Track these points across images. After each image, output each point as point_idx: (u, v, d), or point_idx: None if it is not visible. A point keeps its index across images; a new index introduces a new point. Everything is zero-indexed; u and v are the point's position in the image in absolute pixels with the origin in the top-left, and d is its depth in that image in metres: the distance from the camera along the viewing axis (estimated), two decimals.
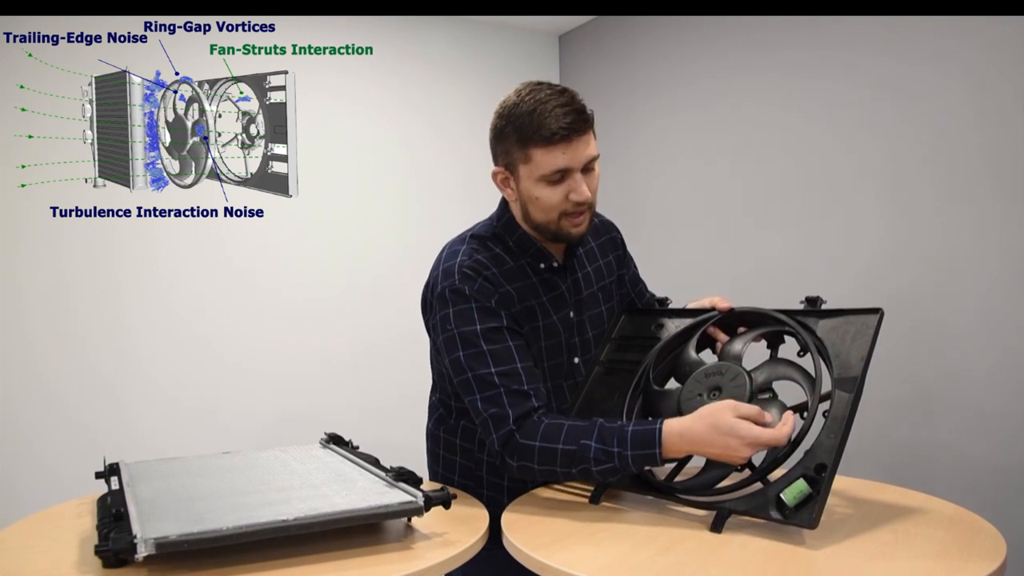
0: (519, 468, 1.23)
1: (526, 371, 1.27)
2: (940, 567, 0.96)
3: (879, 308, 1.18)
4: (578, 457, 1.18)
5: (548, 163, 1.26)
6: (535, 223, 1.35)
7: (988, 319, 2.00)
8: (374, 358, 3.04)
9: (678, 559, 1.02)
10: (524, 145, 1.27)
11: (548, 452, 1.20)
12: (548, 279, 1.40)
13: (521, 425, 1.23)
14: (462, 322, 1.28)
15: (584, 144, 1.28)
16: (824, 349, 1.19)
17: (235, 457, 1.45)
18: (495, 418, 1.24)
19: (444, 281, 1.32)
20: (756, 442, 1.09)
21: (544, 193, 1.29)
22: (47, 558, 1.06)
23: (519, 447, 1.22)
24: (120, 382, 2.66)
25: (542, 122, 1.24)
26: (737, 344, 1.30)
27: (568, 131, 1.24)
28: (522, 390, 1.24)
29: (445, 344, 1.31)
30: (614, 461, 1.16)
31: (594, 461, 1.17)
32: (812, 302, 1.27)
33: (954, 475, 2.04)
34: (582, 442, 1.18)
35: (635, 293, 1.60)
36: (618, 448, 1.16)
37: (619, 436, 1.17)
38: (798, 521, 1.05)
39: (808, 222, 2.47)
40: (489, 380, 1.25)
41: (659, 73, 3.02)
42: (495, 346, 1.27)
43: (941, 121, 2.09)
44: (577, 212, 1.31)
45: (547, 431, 1.21)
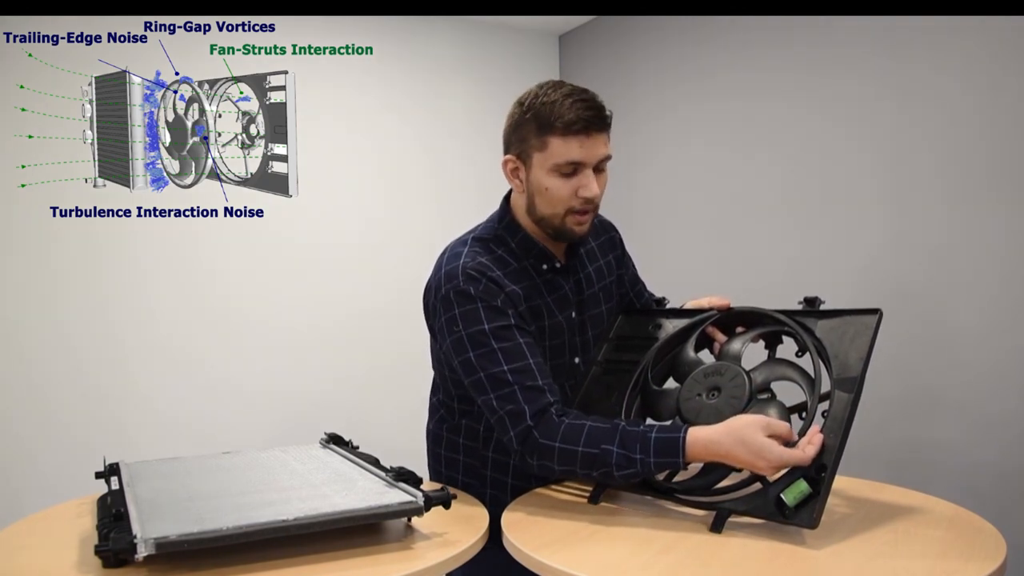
0: (539, 467, 1.23)
1: (538, 367, 1.26)
2: (940, 567, 0.96)
3: (878, 309, 1.18)
4: (599, 461, 1.17)
5: (563, 153, 1.28)
6: (539, 216, 1.35)
7: (988, 319, 2.00)
8: (374, 357, 3.04)
9: (678, 559, 1.02)
10: (542, 132, 1.28)
11: (568, 454, 1.19)
12: (551, 280, 1.40)
13: (539, 422, 1.22)
14: (469, 323, 1.28)
15: (600, 142, 1.30)
16: (823, 349, 1.19)
17: (235, 457, 1.45)
18: (512, 415, 1.23)
19: (448, 284, 1.31)
20: (782, 463, 1.08)
21: (554, 184, 1.30)
22: (47, 558, 1.06)
23: (539, 447, 1.21)
24: (120, 382, 2.65)
25: (563, 112, 1.26)
26: (736, 344, 1.30)
27: (587, 124, 1.27)
28: (536, 385, 1.24)
29: (453, 346, 1.30)
30: (636, 467, 1.15)
31: (616, 467, 1.16)
32: (811, 302, 1.27)
33: (954, 475, 2.04)
34: (604, 447, 1.17)
35: (634, 293, 1.60)
36: (640, 455, 1.15)
37: (642, 442, 1.16)
38: (798, 521, 1.05)
39: (807, 221, 2.46)
40: (502, 378, 1.24)
41: (659, 73, 3.02)
42: (506, 344, 1.26)
43: (943, 120, 2.09)
44: (583, 210, 1.32)
45: (567, 432, 1.20)
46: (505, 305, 1.29)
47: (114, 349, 2.65)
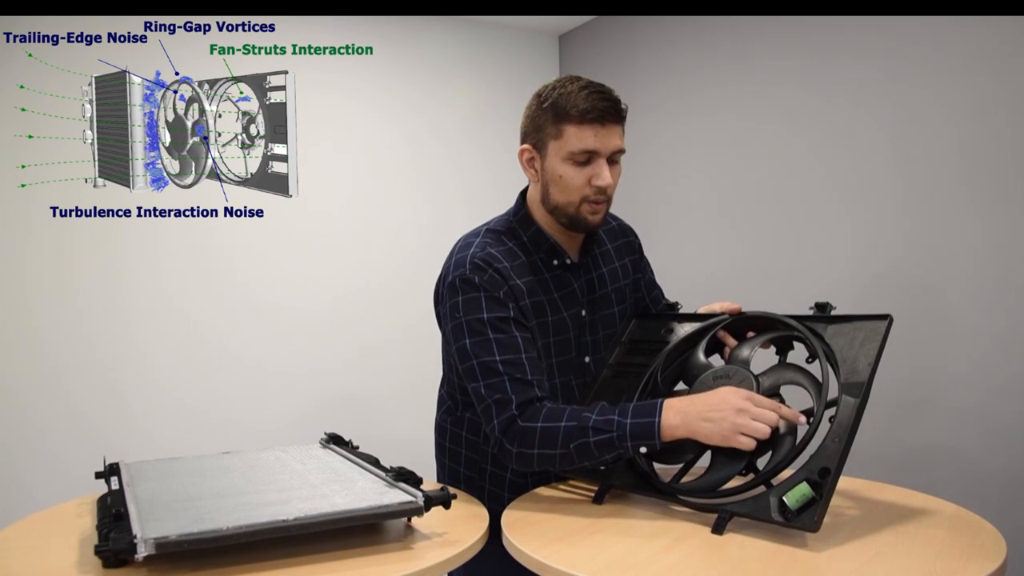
0: (517, 455, 1.24)
1: (531, 362, 1.29)
2: (940, 567, 0.96)
3: (888, 315, 1.18)
4: (577, 430, 1.20)
5: (578, 141, 1.30)
6: (553, 204, 1.37)
7: (989, 319, 2.00)
8: (374, 356, 3.04)
9: (678, 559, 1.02)
10: (558, 120, 1.31)
11: (550, 432, 1.21)
12: (560, 275, 1.42)
13: (524, 411, 1.24)
14: (470, 310, 1.31)
15: (615, 133, 1.32)
16: (832, 355, 1.19)
17: (235, 457, 1.45)
18: (498, 403, 1.26)
19: (455, 271, 1.34)
20: (759, 400, 1.13)
21: (569, 172, 1.33)
22: (47, 558, 1.06)
23: (520, 431, 1.23)
24: (118, 380, 2.65)
25: (579, 101, 1.30)
26: (745, 350, 1.30)
27: (602, 114, 1.29)
28: (526, 379, 1.27)
29: (453, 332, 1.33)
30: (612, 430, 1.18)
31: (592, 431, 1.19)
32: (822, 308, 1.27)
33: (954, 475, 2.04)
34: (583, 415, 1.21)
35: (650, 298, 1.61)
36: (619, 417, 1.19)
37: (620, 408, 1.21)
38: (800, 524, 1.05)
39: (808, 221, 2.46)
40: (493, 368, 1.27)
41: (659, 73, 3.02)
42: (501, 335, 1.29)
43: (946, 119, 2.09)
44: (597, 200, 1.34)
45: (550, 413, 1.23)
46: (507, 298, 1.32)
47: (114, 349, 2.65)
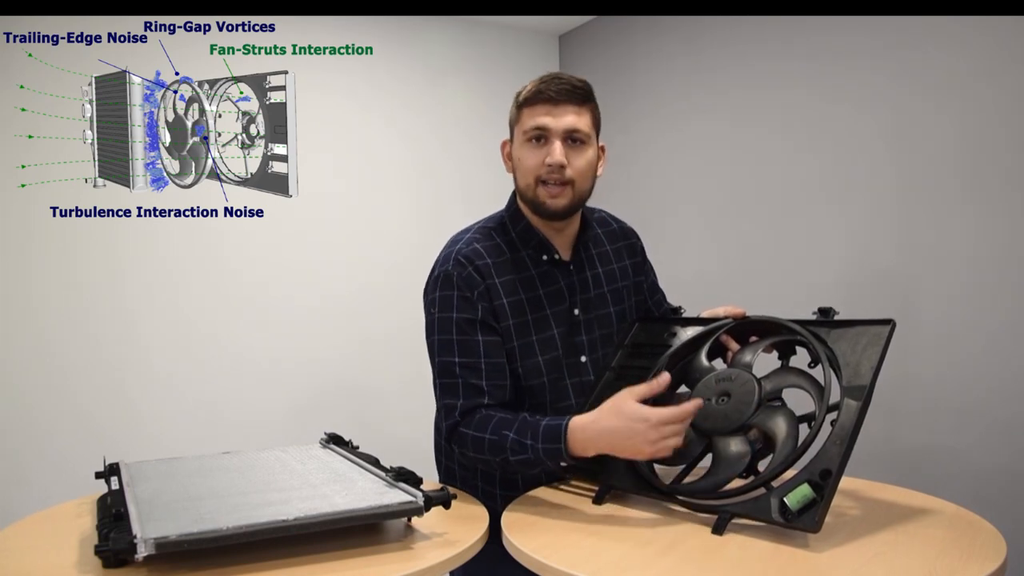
0: (460, 455, 1.31)
1: (488, 367, 1.32)
2: (940, 567, 0.96)
3: (891, 319, 1.18)
4: (498, 447, 1.24)
5: (530, 120, 1.34)
6: (520, 191, 1.41)
7: (988, 320, 2.00)
8: (377, 354, 3.04)
9: (678, 559, 1.02)
10: (519, 107, 1.37)
11: (478, 441, 1.27)
12: (548, 272, 1.42)
13: (465, 417, 1.30)
14: (442, 308, 1.35)
15: (568, 112, 1.33)
16: (835, 359, 1.19)
17: (235, 457, 1.45)
18: (447, 408, 1.32)
19: (441, 266, 1.39)
20: (662, 420, 1.12)
21: (526, 154, 1.36)
22: (47, 558, 1.06)
23: (459, 436, 1.30)
24: (122, 380, 2.65)
25: (536, 85, 1.35)
26: (747, 354, 1.30)
27: (555, 95, 1.33)
28: (479, 385, 1.30)
29: (427, 326, 1.39)
30: (528, 453, 1.22)
31: (511, 451, 1.23)
32: (825, 312, 1.27)
33: (954, 475, 2.04)
34: (503, 432, 1.24)
35: (652, 302, 1.60)
36: (531, 441, 1.22)
37: (532, 429, 1.22)
38: (801, 525, 1.05)
39: (807, 221, 2.46)
40: (451, 369, 1.32)
41: (659, 73, 3.02)
42: (464, 337, 1.33)
43: (942, 120, 2.09)
44: (552, 180, 1.35)
45: (480, 421, 1.28)
46: (480, 299, 1.34)
47: (113, 349, 2.65)
